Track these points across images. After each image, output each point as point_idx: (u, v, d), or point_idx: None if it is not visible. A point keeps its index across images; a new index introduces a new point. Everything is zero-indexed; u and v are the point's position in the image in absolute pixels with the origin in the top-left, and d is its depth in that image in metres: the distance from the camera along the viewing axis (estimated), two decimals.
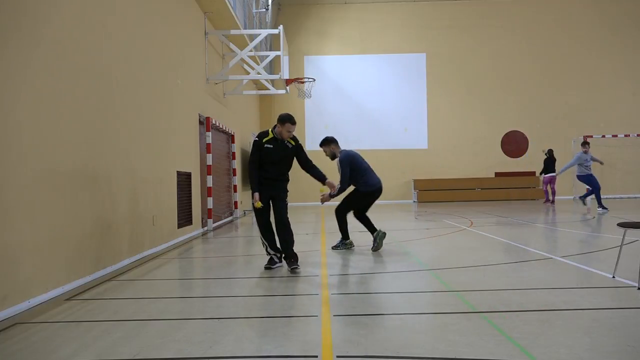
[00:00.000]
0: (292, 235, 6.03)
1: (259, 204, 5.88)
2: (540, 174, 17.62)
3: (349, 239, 7.60)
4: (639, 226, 4.88)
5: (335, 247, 7.53)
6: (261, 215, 6.05)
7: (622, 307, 4.13)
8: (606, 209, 13.17)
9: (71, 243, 5.23)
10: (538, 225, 10.86)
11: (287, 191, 6.19)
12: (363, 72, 21.24)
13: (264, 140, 5.97)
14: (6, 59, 4.28)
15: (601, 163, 14.53)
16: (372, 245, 7.27)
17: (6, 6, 4.33)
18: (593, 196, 13.71)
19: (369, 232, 7.44)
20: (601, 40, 21.37)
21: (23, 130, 4.49)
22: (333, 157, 7.48)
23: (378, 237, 7.22)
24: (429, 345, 3.30)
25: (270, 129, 6.07)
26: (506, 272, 5.68)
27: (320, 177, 6.23)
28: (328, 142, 7.46)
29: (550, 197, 17.33)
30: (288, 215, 6.07)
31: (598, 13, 21.47)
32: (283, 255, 6.07)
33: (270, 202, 6.09)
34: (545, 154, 17.64)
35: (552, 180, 17.21)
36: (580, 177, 13.70)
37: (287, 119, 5.95)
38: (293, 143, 6.09)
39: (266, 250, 6.15)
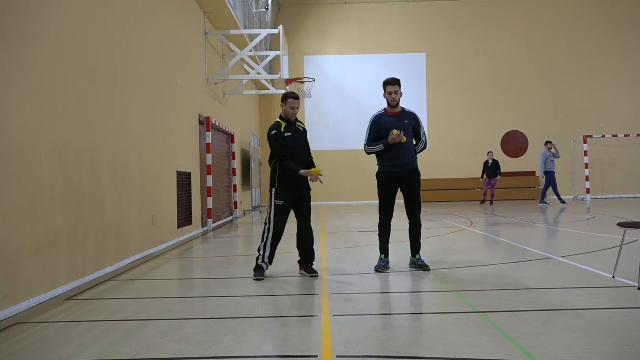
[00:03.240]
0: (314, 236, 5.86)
1: (318, 169, 5.53)
2: (496, 176, 17.63)
3: (386, 255, 5.83)
4: (639, 226, 4.88)
5: (377, 268, 5.77)
6: (284, 215, 5.54)
7: (622, 307, 4.13)
8: (548, 204, 15.74)
9: (71, 243, 5.23)
10: (538, 225, 10.86)
11: (310, 188, 5.76)
12: (363, 72, 21.23)
13: (282, 130, 5.55)
14: (9, 60, 4.28)
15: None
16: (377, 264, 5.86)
17: (9, 7, 4.33)
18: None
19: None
20: (601, 41, 21.36)
21: (24, 130, 4.49)
22: (397, 105, 5.79)
23: (381, 266, 5.76)
24: (429, 345, 3.30)
25: (278, 120, 5.68)
26: (506, 272, 5.68)
27: (309, 165, 5.80)
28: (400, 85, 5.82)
29: (490, 198, 18.00)
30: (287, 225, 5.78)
31: (597, 13, 21.45)
32: (299, 260, 5.71)
33: (293, 205, 5.67)
34: (491, 161, 17.92)
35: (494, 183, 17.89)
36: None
37: (288, 95, 5.66)
38: (304, 126, 5.82)
39: (262, 257, 5.53)
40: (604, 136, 20.43)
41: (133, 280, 5.79)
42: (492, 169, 17.39)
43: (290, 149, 5.55)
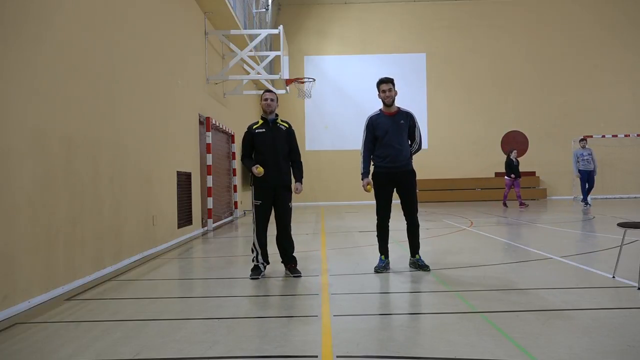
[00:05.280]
0: (293, 243, 5.79)
1: (260, 170, 5.46)
2: (515, 177, 15.76)
3: (386, 255, 5.84)
4: (639, 226, 4.88)
5: (376, 269, 5.75)
6: (263, 214, 5.63)
7: (622, 307, 4.13)
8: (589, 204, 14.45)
9: (71, 243, 5.23)
10: (538, 225, 10.86)
11: (292, 190, 5.74)
12: (363, 72, 21.21)
13: (254, 127, 5.69)
14: (9, 60, 4.28)
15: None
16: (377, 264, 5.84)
17: (10, 9, 4.33)
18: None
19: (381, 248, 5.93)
20: (601, 40, 21.36)
21: (24, 130, 4.49)
22: (391, 103, 5.83)
23: (381, 267, 5.75)
24: (429, 345, 3.30)
25: (259, 118, 5.83)
26: (506, 272, 5.68)
27: (296, 176, 5.80)
28: (394, 84, 5.85)
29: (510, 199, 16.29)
30: (291, 224, 5.76)
31: (598, 13, 21.46)
32: (282, 261, 5.79)
33: (273, 205, 5.69)
34: (515, 160, 16.11)
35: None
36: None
37: (263, 91, 5.83)
38: (286, 125, 5.76)
39: (255, 258, 5.67)
40: (604, 136, 20.44)
41: (133, 280, 5.79)
42: (517, 167, 15.86)
43: (256, 147, 5.66)
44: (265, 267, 5.73)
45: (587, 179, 14.56)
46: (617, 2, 21.43)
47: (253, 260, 5.70)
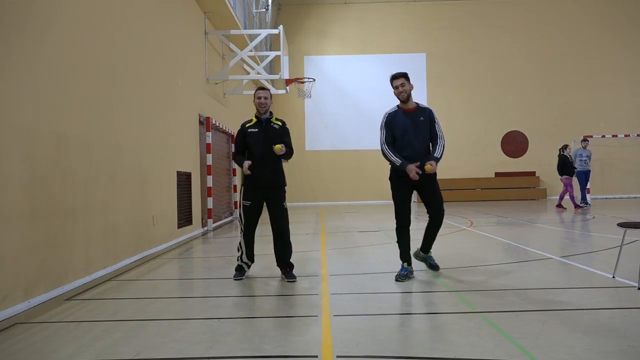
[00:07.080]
0: (291, 248, 5.58)
1: (248, 166, 5.31)
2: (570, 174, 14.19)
3: (409, 263, 5.35)
4: (639, 226, 4.88)
5: (397, 278, 5.28)
6: (250, 218, 5.51)
7: (622, 307, 4.13)
8: (588, 204, 14.43)
9: (71, 243, 5.23)
10: (538, 225, 10.86)
11: (285, 190, 5.57)
12: (363, 72, 21.22)
13: (247, 126, 5.54)
14: (9, 59, 4.28)
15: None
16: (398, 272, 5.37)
17: (11, 9, 4.33)
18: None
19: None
20: (601, 40, 21.35)
21: (23, 130, 4.49)
22: (406, 99, 5.63)
23: (403, 275, 5.28)
24: (429, 345, 3.30)
25: (253, 116, 5.65)
26: (506, 272, 5.68)
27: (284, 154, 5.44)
28: (408, 78, 5.74)
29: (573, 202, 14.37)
30: (289, 227, 5.57)
31: (598, 13, 21.45)
32: (277, 264, 5.60)
33: (265, 205, 5.52)
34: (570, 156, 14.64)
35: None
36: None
37: (256, 89, 5.61)
38: (280, 124, 5.58)
39: (240, 257, 5.57)
40: (604, 136, 20.43)
41: (133, 280, 5.79)
42: (572, 165, 14.34)
43: (248, 146, 5.51)
44: (249, 267, 5.67)
45: (585, 179, 14.52)
46: (617, 2, 21.42)
47: (237, 260, 5.62)
